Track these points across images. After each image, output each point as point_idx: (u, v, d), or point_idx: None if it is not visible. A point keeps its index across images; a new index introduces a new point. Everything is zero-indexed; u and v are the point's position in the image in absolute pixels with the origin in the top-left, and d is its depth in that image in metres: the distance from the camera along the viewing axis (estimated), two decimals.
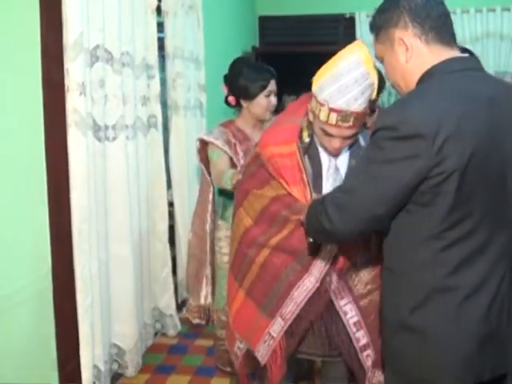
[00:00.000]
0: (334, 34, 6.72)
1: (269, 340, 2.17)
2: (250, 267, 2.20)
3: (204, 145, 2.90)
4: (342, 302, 2.15)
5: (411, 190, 1.50)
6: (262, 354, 2.19)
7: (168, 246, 3.62)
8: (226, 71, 5.30)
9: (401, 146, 1.47)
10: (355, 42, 1.97)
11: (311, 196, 2.07)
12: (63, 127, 2.58)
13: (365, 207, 1.55)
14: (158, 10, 3.52)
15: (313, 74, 2.02)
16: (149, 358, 3.40)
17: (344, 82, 1.90)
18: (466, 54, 1.67)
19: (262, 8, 6.74)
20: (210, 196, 2.96)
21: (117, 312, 3.07)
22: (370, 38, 5.81)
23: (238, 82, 2.85)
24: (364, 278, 2.18)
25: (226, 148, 2.82)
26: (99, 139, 2.82)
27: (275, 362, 2.18)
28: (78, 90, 2.55)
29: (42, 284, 2.60)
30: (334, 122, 1.97)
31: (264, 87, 2.82)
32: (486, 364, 1.58)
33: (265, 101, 2.84)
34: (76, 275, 2.63)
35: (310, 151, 2.16)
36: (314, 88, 2.00)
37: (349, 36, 6.52)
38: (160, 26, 3.60)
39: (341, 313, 2.15)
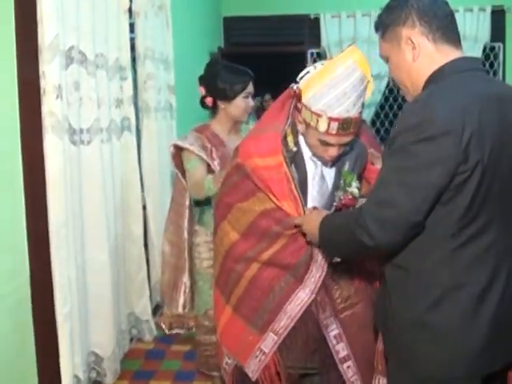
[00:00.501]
0: (299, 34, 6.77)
1: (260, 355, 2.13)
2: (237, 282, 2.13)
3: (178, 150, 2.82)
4: (324, 316, 2.14)
5: (444, 190, 1.50)
6: (253, 369, 2.14)
7: (143, 249, 3.57)
8: (194, 72, 5.24)
9: (430, 147, 1.46)
10: (350, 47, 1.93)
11: (304, 210, 2.03)
12: (39, 131, 2.51)
13: (406, 217, 1.51)
14: (130, 10, 3.47)
15: (279, 74, 2.00)
16: (127, 365, 3.35)
17: (342, 88, 1.88)
18: (471, 55, 1.70)
19: (227, 9, 6.73)
20: (187, 201, 2.88)
21: (94, 319, 3.00)
22: (335, 37, 5.93)
23: (217, 84, 2.79)
24: (345, 292, 2.17)
25: (202, 153, 2.73)
26: (74, 143, 2.76)
27: (268, 377, 2.13)
28: (54, 93, 2.48)
29: (21, 293, 2.53)
30: (334, 132, 1.93)
31: (243, 89, 2.79)
32: (497, 355, 1.62)
33: (243, 102, 2.81)
34: (54, 283, 2.57)
35: (296, 159, 2.10)
36: (306, 99, 1.95)
37: (314, 36, 6.60)
38: (131, 27, 3.55)
39: (322, 326, 2.14)
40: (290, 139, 2.10)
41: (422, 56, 1.62)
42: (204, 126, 2.88)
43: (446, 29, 1.62)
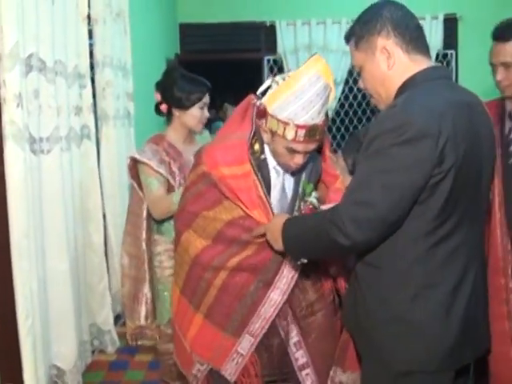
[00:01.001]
0: (256, 41, 6.78)
1: (237, 358, 2.12)
2: (207, 291, 2.11)
3: (135, 162, 2.76)
4: (285, 322, 2.15)
5: (422, 190, 1.55)
6: (231, 372, 2.13)
7: (104, 258, 3.52)
8: (151, 79, 5.21)
9: (408, 150, 1.51)
10: (314, 57, 1.97)
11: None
12: (0, 140, 2.46)
13: (383, 217, 1.56)
14: (88, 17, 3.43)
15: (235, 80, 2.02)
16: (89, 377, 3.30)
17: (307, 97, 1.92)
18: (439, 64, 1.77)
19: (183, 16, 6.70)
20: (144, 212, 2.82)
21: (56, 331, 2.95)
22: (291, 45, 5.97)
23: (174, 92, 2.78)
24: (310, 298, 2.19)
25: (161, 169, 2.70)
26: (34, 152, 2.70)
27: (247, 380, 2.13)
28: (14, 102, 2.44)
29: None
30: (302, 139, 1.97)
31: (200, 99, 2.79)
32: (467, 351, 1.69)
33: (198, 113, 2.80)
34: (16, 295, 2.51)
35: (261, 168, 2.11)
36: (272, 108, 1.98)
37: (270, 43, 6.62)
38: (89, 34, 3.51)
39: (283, 333, 2.15)
40: (256, 148, 2.11)
41: (397, 65, 1.69)
42: (160, 137, 2.84)
43: (417, 40, 1.70)
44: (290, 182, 2.19)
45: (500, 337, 1.86)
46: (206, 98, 2.84)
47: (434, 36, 6.44)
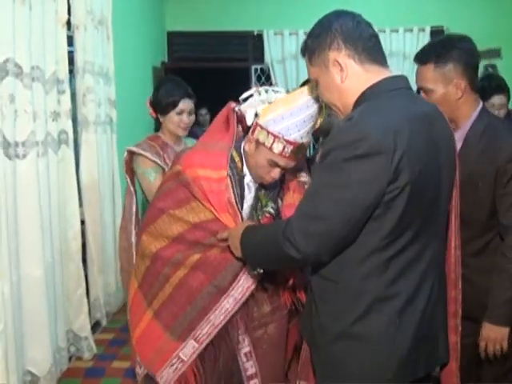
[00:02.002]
0: (243, 50, 6.84)
1: (177, 363, 2.08)
2: (162, 287, 2.10)
3: (131, 156, 2.87)
4: (238, 332, 2.15)
5: (374, 208, 1.52)
6: (167, 379, 2.09)
7: (81, 265, 3.51)
8: (136, 86, 5.27)
9: (363, 165, 1.48)
10: (302, 89, 1.99)
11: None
12: None
13: (333, 232, 1.54)
14: (68, 24, 3.44)
15: (223, 89, 2.04)
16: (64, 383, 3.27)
17: (302, 117, 1.96)
18: (398, 73, 1.74)
19: (171, 24, 6.75)
20: (134, 207, 2.89)
21: (30, 336, 2.93)
22: (278, 54, 6.03)
23: (155, 97, 2.94)
24: (264, 310, 2.20)
25: (156, 158, 2.83)
26: (9, 157, 2.70)
27: None
28: None
29: None
30: (287, 155, 1.99)
31: (174, 105, 2.90)
32: (421, 362, 1.67)
33: (176, 118, 2.92)
34: None
35: (237, 182, 2.12)
36: (265, 120, 1.99)
37: (257, 52, 6.68)
38: (69, 40, 3.52)
39: (234, 342, 2.15)
40: (237, 160, 2.13)
41: (350, 77, 1.65)
42: (155, 136, 3.02)
43: (372, 49, 1.66)
44: (250, 195, 2.20)
45: (452, 351, 1.86)
46: (183, 105, 2.93)
47: (409, 47, 6.55)
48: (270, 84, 6.66)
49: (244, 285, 2.05)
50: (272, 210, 2.14)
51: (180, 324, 2.07)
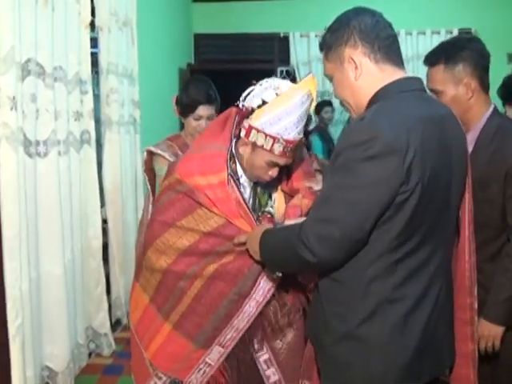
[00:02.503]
0: (269, 52, 6.86)
1: (205, 368, 2.08)
2: (180, 299, 2.05)
3: (150, 156, 2.90)
4: (255, 340, 2.14)
5: (387, 209, 1.50)
6: (196, 382, 2.09)
7: (102, 263, 3.55)
8: (161, 87, 5.33)
9: (375, 166, 1.46)
10: (308, 77, 1.98)
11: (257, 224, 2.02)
12: None
13: (347, 234, 1.51)
14: (93, 25, 3.50)
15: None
16: (82, 380, 3.32)
17: (298, 114, 1.93)
18: (414, 75, 1.72)
19: (198, 26, 6.80)
20: (150, 206, 2.92)
21: (48, 332, 2.99)
22: (304, 56, 6.03)
23: (180, 96, 2.94)
24: (284, 312, 2.16)
25: (173, 159, 2.82)
26: (30, 155, 2.75)
27: None
28: (8, 105, 2.49)
29: None
30: (288, 153, 1.98)
31: (192, 111, 2.87)
32: (425, 368, 1.65)
33: (193, 123, 2.89)
34: (6, 294, 2.55)
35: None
36: (260, 122, 1.96)
37: (283, 54, 6.69)
38: (94, 42, 3.59)
39: (252, 349, 2.14)
40: (232, 164, 2.10)
41: (364, 75, 1.64)
42: (176, 136, 3.02)
43: (388, 49, 1.64)
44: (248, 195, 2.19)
45: (463, 359, 1.82)
46: (202, 111, 2.88)
47: None
48: None
49: (265, 287, 2.05)
50: (272, 210, 2.13)
51: (204, 333, 2.05)
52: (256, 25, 6.66)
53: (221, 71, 6.66)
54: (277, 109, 1.94)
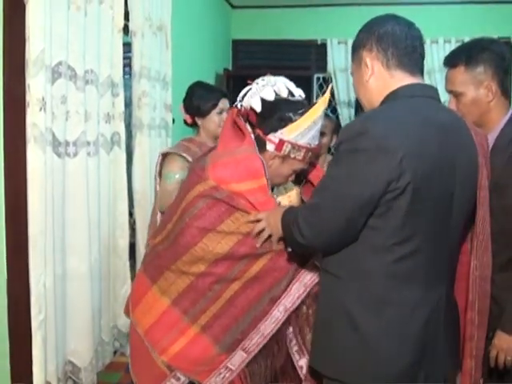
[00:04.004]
0: (307, 59, 6.87)
1: (225, 372, 2.09)
2: (213, 302, 2.07)
3: (164, 158, 3.00)
4: (289, 330, 2.15)
5: (373, 204, 1.57)
6: None
7: (128, 263, 3.61)
8: None
9: (361, 159, 1.55)
10: (323, 99, 2.06)
11: None
12: (23, 142, 2.59)
13: (332, 223, 1.62)
14: (126, 29, 3.57)
15: None
16: (106, 376, 3.38)
17: (319, 124, 2.08)
18: (424, 82, 1.77)
19: (237, 32, 6.86)
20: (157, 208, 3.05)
21: (72, 328, 3.05)
22: (341, 63, 5.98)
23: (192, 101, 3.07)
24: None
25: (186, 154, 2.91)
26: (59, 155, 2.83)
27: None
28: (38, 106, 2.56)
29: None
30: (308, 159, 2.12)
31: (215, 105, 3.03)
32: (420, 373, 1.66)
33: (217, 118, 3.04)
34: (31, 289, 2.63)
35: None
36: (294, 136, 2.03)
37: (321, 61, 6.69)
38: (129, 46, 3.67)
39: (287, 340, 2.15)
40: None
41: (376, 78, 1.74)
42: (190, 139, 3.13)
43: (403, 57, 1.72)
44: None
45: (465, 375, 1.82)
46: (223, 104, 3.07)
47: None
48: (332, 94, 6.65)
49: (295, 294, 2.07)
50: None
51: (231, 336, 2.07)
52: (294, 31, 6.68)
53: (258, 77, 6.70)
54: (307, 122, 2.03)
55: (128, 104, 3.80)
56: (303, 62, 6.87)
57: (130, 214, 3.92)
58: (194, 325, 2.10)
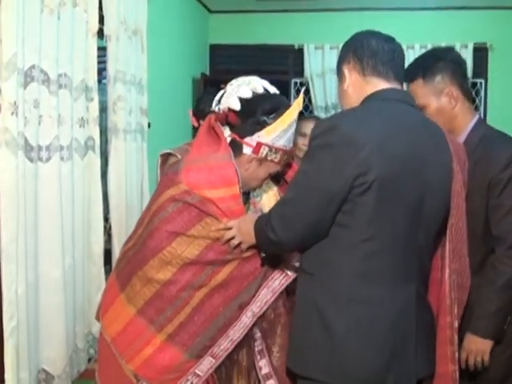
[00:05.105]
0: (284, 64, 6.88)
1: (192, 378, 2.07)
2: (179, 310, 2.03)
3: (165, 159, 2.97)
4: (257, 334, 2.16)
5: (341, 198, 1.60)
6: None
7: (103, 269, 3.57)
8: (173, 97, 5.37)
9: (329, 154, 1.60)
10: (297, 101, 2.09)
11: None
12: None
13: (302, 217, 1.66)
14: (101, 33, 3.55)
15: None
16: None
17: (293, 129, 2.09)
18: (400, 87, 1.84)
19: (214, 36, 6.85)
20: None
21: (46, 336, 3.01)
22: (318, 69, 6.01)
23: (199, 105, 3.11)
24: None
25: None
26: (31, 160, 2.79)
27: None
28: (10, 110, 2.54)
29: None
30: (284, 162, 2.13)
31: None
32: (389, 375, 1.67)
33: None
34: (2, 296, 2.59)
35: None
36: (272, 138, 2.04)
37: (298, 66, 6.70)
38: (104, 50, 3.64)
39: (252, 341, 2.15)
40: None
41: (353, 86, 1.82)
42: (192, 142, 3.08)
43: (379, 65, 1.80)
44: None
45: (444, 380, 1.83)
46: None
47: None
48: (309, 98, 6.67)
49: (263, 299, 2.07)
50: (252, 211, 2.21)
51: (200, 342, 2.05)
52: (271, 36, 6.69)
53: None
54: (283, 125, 2.05)
55: (104, 108, 3.76)
56: (281, 66, 6.88)
57: (106, 220, 3.90)
58: (161, 333, 2.06)
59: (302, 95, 2.10)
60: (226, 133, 2.12)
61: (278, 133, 2.04)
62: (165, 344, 2.06)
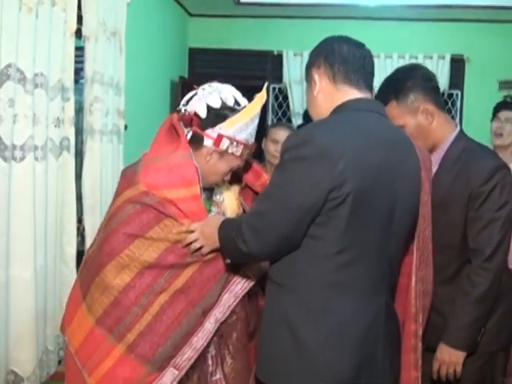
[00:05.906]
0: (263, 69, 6.91)
1: None
2: (139, 318, 1.95)
3: None
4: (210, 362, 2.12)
5: (315, 212, 1.59)
6: None
7: (75, 271, 3.53)
8: (150, 99, 5.35)
9: (303, 167, 1.58)
10: (264, 89, 2.11)
11: None
12: None
13: (275, 229, 1.63)
14: (79, 33, 3.52)
15: None
16: None
17: (256, 122, 2.09)
18: (371, 97, 1.83)
19: (193, 40, 6.85)
20: None
21: (15, 336, 2.97)
22: (297, 75, 6.09)
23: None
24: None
25: None
26: (5, 159, 2.77)
27: None
28: None
29: None
30: (245, 157, 2.13)
31: None
32: (360, 382, 1.67)
33: None
34: None
35: None
36: (233, 131, 2.02)
37: (277, 72, 6.74)
38: (82, 50, 3.61)
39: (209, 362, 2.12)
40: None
41: (323, 93, 1.79)
42: None
43: (350, 73, 1.78)
44: None
45: None
46: None
47: (440, 76, 6.45)
48: (287, 104, 6.70)
49: (225, 304, 2.03)
50: (215, 210, 2.20)
51: (163, 353, 1.96)
52: (251, 41, 6.71)
53: None
54: (245, 118, 2.03)
55: (80, 109, 3.74)
56: (259, 72, 6.91)
57: (80, 221, 3.86)
58: (120, 343, 1.97)
59: (264, 90, 2.10)
60: (185, 131, 2.10)
61: (239, 125, 2.02)
62: (124, 356, 1.96)
